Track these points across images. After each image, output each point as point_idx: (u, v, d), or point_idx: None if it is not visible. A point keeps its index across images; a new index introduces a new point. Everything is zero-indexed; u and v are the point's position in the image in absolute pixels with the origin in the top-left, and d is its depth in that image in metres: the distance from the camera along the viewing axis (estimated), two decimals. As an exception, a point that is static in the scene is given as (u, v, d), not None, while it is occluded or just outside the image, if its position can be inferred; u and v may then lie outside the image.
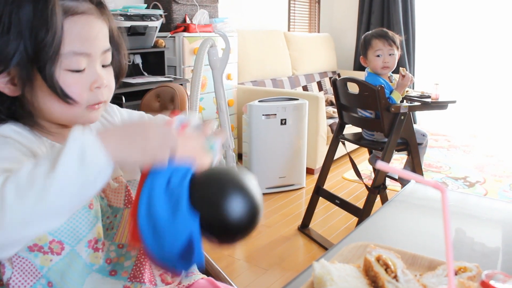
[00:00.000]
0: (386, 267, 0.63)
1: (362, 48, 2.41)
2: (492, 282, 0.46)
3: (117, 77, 0.82)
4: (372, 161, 2.59)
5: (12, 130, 0.71)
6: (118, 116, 0.92)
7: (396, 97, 2.25)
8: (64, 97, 0.69)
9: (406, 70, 2.30)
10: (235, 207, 0.57)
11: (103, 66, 0.75)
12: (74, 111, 0.72)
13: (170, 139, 0.60)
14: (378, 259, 0.64)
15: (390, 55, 2.32)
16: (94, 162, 0.54)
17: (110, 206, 0.81)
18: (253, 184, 0.62)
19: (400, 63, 3.29)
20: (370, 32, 2.42)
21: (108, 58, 0.76)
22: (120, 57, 0.81)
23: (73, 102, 0.70)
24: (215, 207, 0.57)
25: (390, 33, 2.37)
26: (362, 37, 2.45)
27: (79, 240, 0.74)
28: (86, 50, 0.70)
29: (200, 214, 0.57)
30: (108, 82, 0.76)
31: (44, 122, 0.75)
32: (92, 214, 0.75)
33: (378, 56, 2.33)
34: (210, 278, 0.94)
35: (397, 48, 2.35)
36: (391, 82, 2.39)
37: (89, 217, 0.75)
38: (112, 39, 0.78)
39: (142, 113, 0.98)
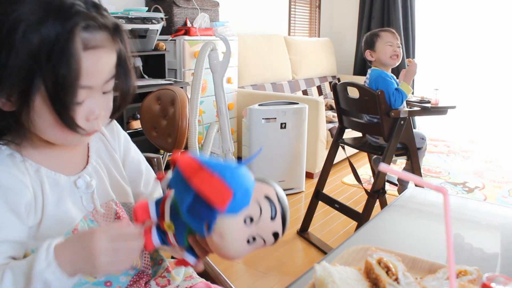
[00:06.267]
0: (387, 270, 0.63)
1: (368, 42, 2.40)
2: (493, 285, 0.46)
3: (123, 101, 0.79)
4: (375, 162, 2.58)
5: None
6: (120, 137, 0.91)
7: (406, 89, 2.21)
8: (77, 128, 0.69)
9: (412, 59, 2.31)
10: None
11: (103, 92, 0.73)
12: (68, 138, 0.71)
13: (121, 255, 0.64)
14: (379, 262, 0.64)
15: (398, 47, 2.35)
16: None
17: None
18: None
19: (400, 68, 3.29)
20: (375, 29, 2.46)
21: (110, 85, 0.73)
22: (126, 81, 0.77)
23: (82, 131, 0.70)
24: None
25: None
26: (367, 34, 2.46)
27: None
28: (89, 84, 0.68)
29: None
30: (105, 111, 0.74)
31: (35, 136, 0.73)
32: None
33: (389, 45, 2.34)
34: (208, 282, 0.94)
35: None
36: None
37: None
38: (121, 63, 0.74)
39: (138, 151, 0.95)
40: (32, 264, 0.63)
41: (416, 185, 1.35)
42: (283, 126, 3.10)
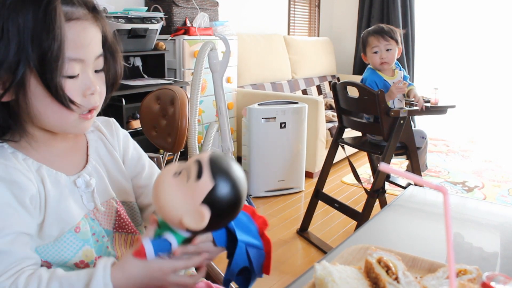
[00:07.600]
0: (387, 269, 0.63)
1: (362, 46, 2.43)
2: (493, 284, 0.46)
3: (112, 84, 0.81)
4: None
5: None
6: (119, 135, 0.91)
7: None
8: (68, 103, 0.69)
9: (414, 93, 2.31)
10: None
11: (95, 71, 0.75)
12: (67, 119, 0.72)
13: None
14: (379, 261, 0.64)
15: (387, 50, 2.33)
16: None
17: (104, 229, 0.81)
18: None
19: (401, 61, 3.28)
20: (368, 29, 2.45)
21: (100, 63, 0.76)
22: (114, 63, 0.80)
23: (75, 107, 0.70)
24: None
25: (386, 28, 2.36)
26: (361, 35, 2.47)
27: (65, 262, 0.74)
28: (80, 56, 0.70)
29: None
30: (100, 88, 0.75)
31: (34, 131, 0.74)
32: (79, 238, 0.75)
33: (375, 52, 2.34)
34: (208, 281, 0.94)
35: (396, 42, 2.34)
36: (395, 75, 2.37)
37: (75, 241, 0.75)
38: (106, 45, 0.77)
39: (138, 147, 0.96)
40: (89, 282, 0.66)
41: (416, 184, 1.35)
42: (282, 125, 3.10)
